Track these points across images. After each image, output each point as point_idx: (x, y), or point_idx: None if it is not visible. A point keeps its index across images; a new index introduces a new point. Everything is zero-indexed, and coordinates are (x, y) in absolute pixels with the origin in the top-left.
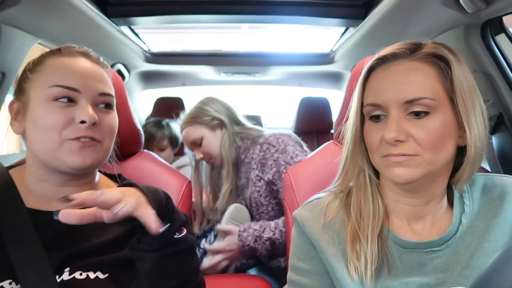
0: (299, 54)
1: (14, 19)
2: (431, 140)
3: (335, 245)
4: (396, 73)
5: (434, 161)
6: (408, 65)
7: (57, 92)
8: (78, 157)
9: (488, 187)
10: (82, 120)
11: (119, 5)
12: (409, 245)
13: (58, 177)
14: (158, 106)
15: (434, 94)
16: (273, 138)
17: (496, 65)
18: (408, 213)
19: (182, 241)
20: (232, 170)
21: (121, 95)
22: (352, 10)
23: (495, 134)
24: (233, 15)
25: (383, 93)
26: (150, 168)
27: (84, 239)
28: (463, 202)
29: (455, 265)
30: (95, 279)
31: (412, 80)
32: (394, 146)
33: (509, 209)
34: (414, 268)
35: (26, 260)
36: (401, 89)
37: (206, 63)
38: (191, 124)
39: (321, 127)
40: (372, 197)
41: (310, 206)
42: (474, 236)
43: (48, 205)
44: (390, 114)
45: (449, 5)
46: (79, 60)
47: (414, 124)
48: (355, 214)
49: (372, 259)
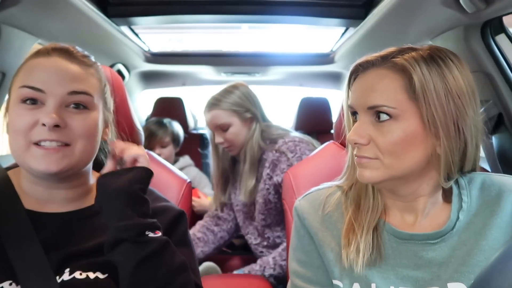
0: (299, 54)
1: (14, 19)
2: (389, 146)
3: (332, 237)
4: (367, 80)
5: (394, 166)
6: (378, 72)
7: (23, 93)
8: (43, 163)
9: (487, 185)
10: (43, 123)
11: (119, 5)
12: (404, 236)
13: (45, 181)
14: (158, 106)
15: (396, 103)
16: (292, 144)
17: (496, 65)
18: (400, 207)
19: (156, 241)
20: (256, 165)
21: (121, 95)
22: (352, 10)
23: (495, 134)
24: (233, 15)
25: (355, 98)
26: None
27: (83, 240)
28: (461, 199)
29: (450, 259)
30: (95, 279)
31: (377, 87)
32: (357, 148)
33: (507, 207)
34: (409, 259)
35: (26, 260)
36: (366, 95)
37: (206, 63)
38: (223, 108)
39: (321, 127)
40: (372, 194)
41: (310, 197)
42: (470, 232)
43: (43, 207)
44: (359, 116)
45: (449, 5)
46: (51, 60)
47: (377, 129)
48: (353, 208)
49: (364, 249)
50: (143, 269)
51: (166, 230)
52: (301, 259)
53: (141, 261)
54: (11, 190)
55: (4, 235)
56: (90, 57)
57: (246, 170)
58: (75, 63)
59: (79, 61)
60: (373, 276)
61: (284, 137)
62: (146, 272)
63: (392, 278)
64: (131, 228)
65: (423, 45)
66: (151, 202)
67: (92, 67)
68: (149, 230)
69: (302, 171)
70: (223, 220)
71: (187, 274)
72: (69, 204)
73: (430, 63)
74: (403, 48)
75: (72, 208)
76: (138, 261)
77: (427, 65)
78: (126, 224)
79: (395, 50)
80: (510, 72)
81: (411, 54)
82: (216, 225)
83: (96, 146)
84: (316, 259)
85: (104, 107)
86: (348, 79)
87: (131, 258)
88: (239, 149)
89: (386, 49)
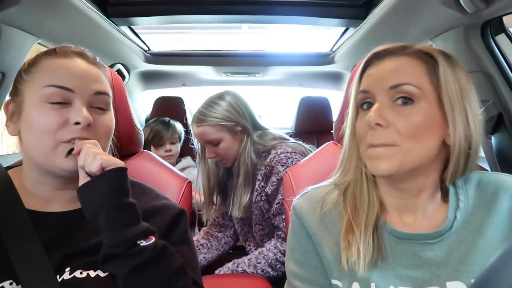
0: (299, 54)
1: (14, 19)
2: (410, 129)
3: (331, 236)
4: (386, 65)
5: (412, 151)
6: (399, 59)
7: (51, 92)
8: (73, 160)
9: (483, 183)
10: (77, 122)
11: (119, 5)
12: (403, 236)
13: (54, 180)
14: (158, 105)
15: (419, 84)
16: (284, 157)
17: (496, 65)
18: (399, 206)
19: (149, 249)
20: (250, 179)
21: (121, 95)
22: (352, 10)
23: (494, 134)
24: (233, 15)
25: (372, 81)
26: (150, 168)
27: (83, 239)
28: (458, 198)
29: (449, 259)
30: (95, 277)
31: (399, 69)
32: (375, 133)
33: (503, 205)
34: (408, 259)
35: (26, 260)
36: (387, 76)
37: (206, 63)
38: (211, 124)
39: (321, 127)
40: (368, 192)
41: (308, 196)
42: (468, 231)
43: (46, 206)
44: (376, 99)
45: (449, 5)
46: (74, 61)
47: (396, 112)
48: (351, 207)
49: (365, 251)
50: (135, 277)
51: (166, 229)
52: (299, 260)
53: (133, 270)
54: (11, 190)
55: (5, 235)
56: (99, 60)
57: (240, 184)
58: (93, 65)
59: (95, 63)
60: (373, 275)
61: (277, 148)
62: (139, 279)
63: (391, 277)
64: (121, 244)
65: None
66: (151, 200)
67: (103, 69)
68: (141, 239)
69: (302, 171)
70: (226, 227)
71: (186, 278)
72: (71, 203)
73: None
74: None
75: (73, 207)
76: (129, 270)
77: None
78: (115, 241)
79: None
80: (510, 72)
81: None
82: (220, 231)
83: (109, 145)
84: (314, 260)
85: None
86: (362, 69)
87: (123, 268)
88: (232, 161)
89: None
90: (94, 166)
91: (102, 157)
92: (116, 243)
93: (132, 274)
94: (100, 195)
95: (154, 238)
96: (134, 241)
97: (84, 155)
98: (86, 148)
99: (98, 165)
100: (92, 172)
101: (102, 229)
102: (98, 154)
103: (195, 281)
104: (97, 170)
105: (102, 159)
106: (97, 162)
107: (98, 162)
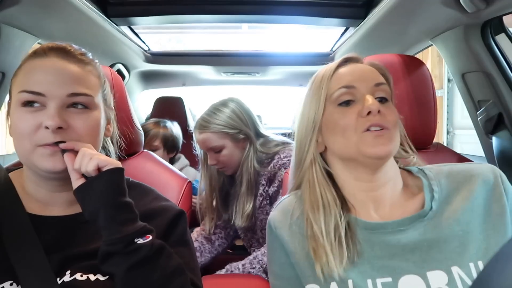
0: (299, 54)
1: (14, 19)
2: (395, 120)
3: (302, 246)
4: (361, 67)
5: (396, 137)
6: (365, 66)
7: (24, 98)
8: (50, 161)
9: (454, 172)
10: (46, 126)
11: (119, 5)
12: (375, 226)
13: (48, 183)
14: (158, 105)
15: (389, 85)
16: (287, 161)
17: (496, 65)
18: (369, 200)
19: (145, 246)
20: (254, 187)
21: (121, 95)
22: (352, 10)
23: (494, 134)
24: (233, 15)
25: (356, 78)
26: (150, 168)
27: (84, 242)
28: (432, 189)
29: (423, 243)
30: (95, 281)
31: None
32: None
33: (476, 190)
34: (382, 249)
35: (26, 261)
36: (369, 76)
37: (206, 63)
38: (213, 131)
39: None
40: (320, 191)
41: (281, 206)
42: (443, 218)
43: (46, 210)
44: (365, 94)
45: (449, 5)
46: (49, 61)
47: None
48: (309, 209)
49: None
50: (134, 275)
51: (165, 230)
52: (276, 272)
53: (131, 268)
54: (12, 192)
55: (5, 237)
56: (87, 54)
57: (243, 192)
58: (73, 63)
59: (77, 59)
60: (349, 273)
61: (280, 153)
62: (137, 278)
63: (369, 271)
64: (118, 241)
65: None
66: (150, 201)
67: (90, 64)
68: (138, 237)
69: None
70: (221, 228)
71: (183, 278)
72: (70, 207)
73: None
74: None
75: (73, 211)
76: (127, 268)
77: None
78: (113, 239)
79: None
80: (510, 72)
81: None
82: (214, 233)
83: (99, 144)
84: (289, 271)
85: (105, 104)
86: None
87: (121, 267)
88: (234, 169)
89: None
90: (91, 166)
91: (98, 157)
92: (114, 241)
93: (130, 272)
94: (98, 194)
95: (151, 237)
96: (132, 239)
97: (80, 157)
98: (82, 150)
99: (94, 165)
100: (89, 172)
101: (101, 228)
102: (95, 155)
103: (194, 282)
104: (94, 170)
105: (98, 159)
106: (94, 162)
107: (94, 162)
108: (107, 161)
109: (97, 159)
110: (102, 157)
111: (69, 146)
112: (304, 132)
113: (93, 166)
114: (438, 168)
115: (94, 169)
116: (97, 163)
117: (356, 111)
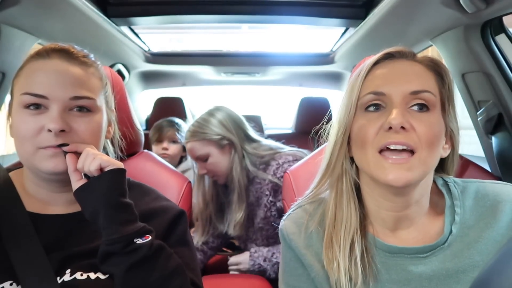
0: (299, 54)
1: (14, 19)
2: (430, 135)
3: (319, 258)
4: (401, 67)
5: (428, 160)
6: (412, 64)
7: (26, 100)
8: (51, 163)
9: (480, 195)
10: (49, 129)
11: (119, 5)
12: (394, 250)
13: (48, 183)
14: (158, 106)
15: (435, 92)
16: (288, 166)
17: (496, 65)
18: (391, 219)
19: (145, 246)
20: (244, 195)
21: (121, 95)
22: (352, 10)
23: (494, 134)
24: (233, 15)
25: (388, 83)
26: (150, 168)
27: (84, 241)
28: (454, 211)
29: (441, 272)
30: (95, 279)
31: (417, 75)
32: (395, 134)
33: (502, 219)
34: (398, 274)
35: (26, 261)
36: (407, 80)
37: (206, 63)
38: (198, 139)
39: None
40: (347, 204)
41: (295, 215)
42: (464, 245)
43: (47, 209)
44: (394, 103)
45: (449, 5)
46: (52, 63)
47: (415, 118)
48: (330, 221)
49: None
50: (133, 275)
51: (165, 230)
52: (290, 283)
53: (130, 268)
54: (12, 192)
55: (5, 236)
56: (89, 56)
57: (234, 200)
58: (76, 65)
59: (79, 61)
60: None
61: (277, 159)
62: (137, 278)
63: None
64: (118, 241)
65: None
66: (151, 201)
67: (93, 66)
68: (137, 237)
69: (302, 171)
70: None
71: (182, 278)
72: (71, 206)
73: (447, 70)
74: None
75: (73, 210)
76: (126, 268)
77: (447, 70)
78: (113, 239)
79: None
80: (510, 72)
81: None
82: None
83: (100, 146)
84: (305, 283)
85: (107, 106)
86: (368, 69)
87: (120, 266)
88: (224, 177)
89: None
90: (94, 165)
91: (101, 157)
92: (113, 241)
93: (130, 272)
94: (99, 194)
95: (151, 237)
96: (131, 239)
97: (84, 156)
98: (86, 150)
99: (97, 165)
100: (91, 172)
101: (101, 228)
102: (98, 155)
103: (194, 282)
104: (96, 169)
105: (101, 160)
106: (97, 162)
107: (97, 162)
108: (109, 161)
109: (100, 159)
110: (105, 158)
111: (72, 148)
112: (335, 136)
113: (96, 165)
114: (464, 184)
115: (97, 169)
116: (100, 163)
117: (382, 120)
